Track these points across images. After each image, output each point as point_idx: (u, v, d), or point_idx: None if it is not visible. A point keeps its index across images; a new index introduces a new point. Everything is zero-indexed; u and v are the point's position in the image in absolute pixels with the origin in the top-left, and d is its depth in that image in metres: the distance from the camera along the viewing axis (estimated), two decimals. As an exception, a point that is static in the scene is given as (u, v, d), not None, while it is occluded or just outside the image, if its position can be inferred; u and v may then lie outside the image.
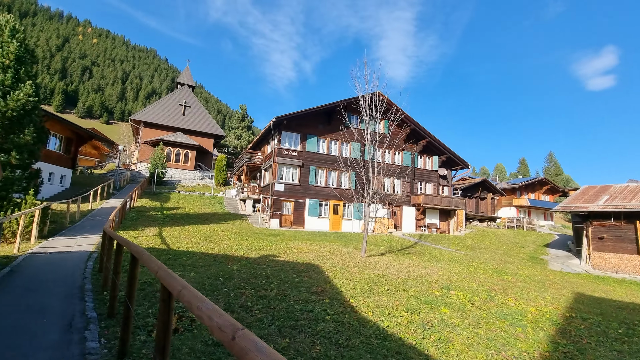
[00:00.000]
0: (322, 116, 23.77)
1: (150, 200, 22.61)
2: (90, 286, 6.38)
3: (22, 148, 11.49)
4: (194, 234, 14.37)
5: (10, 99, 11.08)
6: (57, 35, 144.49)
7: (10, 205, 10.87)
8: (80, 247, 10.58)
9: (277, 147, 22.19)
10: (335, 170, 24.00)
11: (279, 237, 16.22)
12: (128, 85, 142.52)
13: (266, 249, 12.42)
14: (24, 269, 7.55)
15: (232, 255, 10.75)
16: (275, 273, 8.36)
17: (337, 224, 23.47)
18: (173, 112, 34.61)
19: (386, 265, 11.58)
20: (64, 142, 22.51)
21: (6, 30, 11.80)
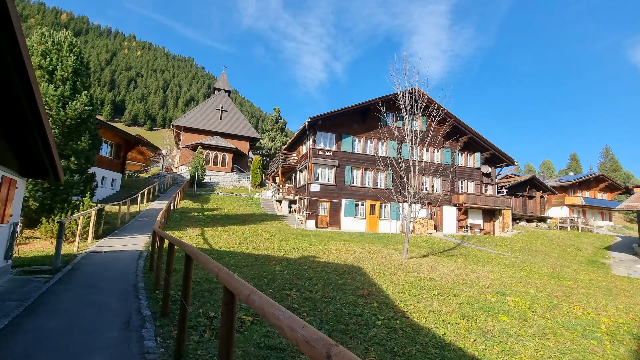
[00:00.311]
0: (356, 115, 23.41)
1: (192, 202, 23.52)
2: (143, 284, 6.59)
3: (80, 154, 12.33)
4: (234, 235, 14.65)
5: (69, 108, 11.93)
6: (106, 50, 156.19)
7: (70, 207, 11.69)
8: (131, 247, 11.13)
9: (312, 147, 22.16)
10: (371, 169, 23.52)
11: (317, 237, 16.11)
12: (169, 94, 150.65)
13: (305, 250, 12.34)
14: (83, 266, 8.01)
15: (272, 256, 10.76)
16: (317, 274, 8.20)
17: (374, 225, 22.96)
18: (211, 117, 35.91)
19: (431, 267, 11.02)
20: (114, 148, 24.08)
21: (65, 46, 12.75)
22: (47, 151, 6.56)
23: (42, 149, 6.41)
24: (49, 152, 6.58)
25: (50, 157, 6.74)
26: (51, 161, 6.91)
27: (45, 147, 6.41)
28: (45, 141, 6.22)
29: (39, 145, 6.25)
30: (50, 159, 6.80)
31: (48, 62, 12.11)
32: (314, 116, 21.14)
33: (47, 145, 6.37)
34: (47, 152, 6.58)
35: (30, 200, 11.15)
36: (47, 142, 6.28)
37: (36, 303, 4.95)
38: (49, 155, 6.70)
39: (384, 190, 23.50)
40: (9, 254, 6.60)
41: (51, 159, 6.84)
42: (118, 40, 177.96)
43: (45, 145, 6.36)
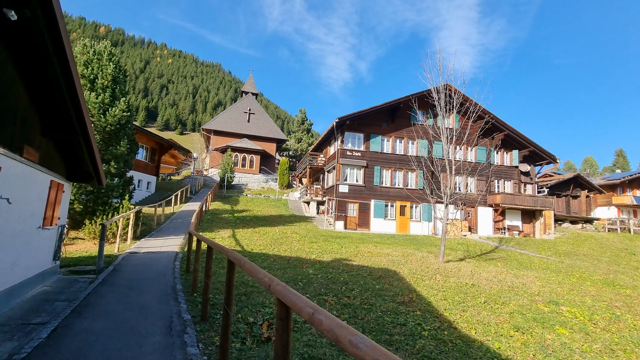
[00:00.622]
0: (385, 114, 22.88)
1: (222, 203, 23.98)
2: (181, 287, 6.63)
3: (119, 158, 12.83)
4: (264, 236, 14.68)
5: (109, 115, 12.45)
6: (140, 59, 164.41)
7: (110, 209, 12.18)
8: (167, 248, 11.40)
9: (340, 147, 21.90)
10: (400, 169, 22.89)
11: (347, 239, 15.82)
12: (198, 99, 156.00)
13: (337, 252, 12.10)
14: (123, 267, 8.24)
15: (304, 258, 10.61)
16: (353, 279, 7.93)
17: (405, 226, 22.31)
18: (239, 120, 36.60)
19: (470, 272, 10.42)
20: (149, 152, 25.07)
21: (105, 55, 13.34)
22: (91, 156, 6.78)
23: (86, 154, 6.63)
24: (92, 157, 6.80)
25: (94, 161, 6.97)
26: (94, 166, 7.15)
27: (89, 153, 6.63)
28: (89, 147, 6.43)
29: (83, 151, 6.46)
30: (93, 163, 7.03)
31: (90, 72, 12.71)
32: (341, 116, 20.90)
33: (90, 151, 6.58)
34: (91, 157, 6.80)
35: (75, 203, 11.72)
36: (91, 148, 6.49)
37: (83, 304, 5.06)
38: (92, 160, 6.93)
39: (414, 190, 22.80)
40: (57, 255, 6.88)
41: (94, 164, 7.07)
42: (151, 49, 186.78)
43: (89, 151, 6.57)
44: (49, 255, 6.56)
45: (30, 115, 5.02)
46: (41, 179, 5.65)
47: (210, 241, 5.03)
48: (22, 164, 4.83)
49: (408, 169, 22.95)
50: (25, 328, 4.20)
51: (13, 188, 4.58)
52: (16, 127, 4.59)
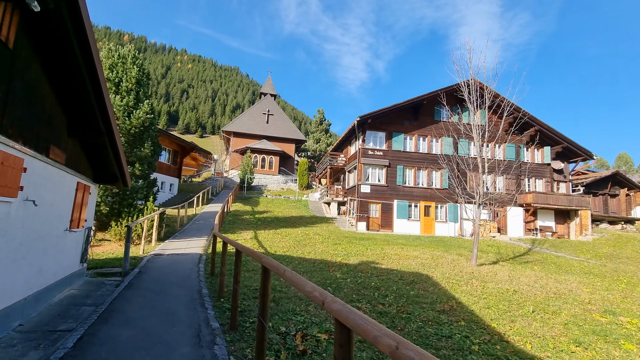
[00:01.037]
0: (408, 112, 22.20)
1: (243, 205, 23.97)
2: (207, 291, 6.40)
3: (143, 160, 12.89)
4: (286, 238, 14.42)
5: (133, 117, 12.53)
6: (161, 65, 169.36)
7: (135, 211, 12.23)
8: (191, 250, 11.30)
9: (362, 147, 21.40)
10: (424, 168, 22.14)
11: (371, 241, 15.32)
12: (217, 102, 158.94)
13: (362, 255, 11.65)
14: (149, 270, 8.13)
15: (330, 261, 10.23)
16: (384, 284, 7.48)
17: (429, 227, 21.54)
18: (258, 121, 36.72)
19: (508, 277, 9.73)
20: (171, 154, 25.43)
21: (129, 59, 13.46)
22: (117, 157, 6.67)
23: (112, 155, 6.53)
24: (118, 158, 6.70)
25: (119, 163, 6.86)
26: (120, 167, 7.05)
27: (114, 154, 6.52)
28: (114, 148, 6.31)
29: (109, 152, 6.35)
30: (119, 165, 6.93)
31: (115, 75, 12.84)
32: (363, 115, 20.41)
33: (116, 152, 6.47)
34: (117, 158, 6.69)
35: (101, 205, 11.83)
36: (117, 149, 6.37)
37: (109, 310, 4.88)
38: (118, 162, 6.82)
39: (440, 190, 21.97)
40: (84, 257, 6.80)
41: (120, 165, 6.97)
42: (172, 55, 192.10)
43: (114, 152, 6.46)
44: (76, 258, 6.48)
45: (56, 115, 4.90)
46: (68, 181, 5.55)
47: (239, 245, 4.74)
48: (48, 165, 4.70)
49: (432, 168, 22.16)
50: (52, 335, 4.02)
51: (39, 190, 4.44)
52: (42, 127, 4.46)
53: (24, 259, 4.23)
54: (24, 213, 4.08)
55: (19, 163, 3.78)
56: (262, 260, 3.22)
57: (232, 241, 5.28)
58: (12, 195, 3.69)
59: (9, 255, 3.82)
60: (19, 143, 3.81)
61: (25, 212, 4.12)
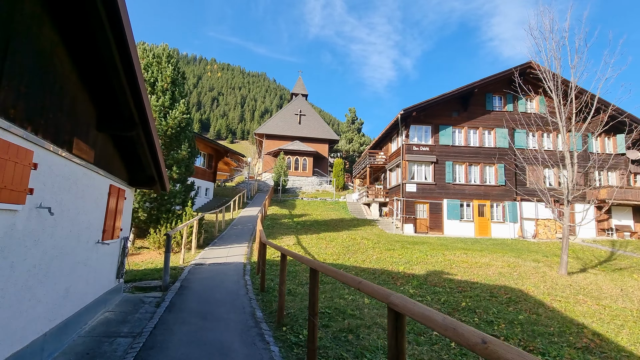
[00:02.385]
0: (456, 102, 20.23)
1: (279, 208, 23.07)
2: (261, 313, 5.24)
3: (181, 163, 12.18)
4: (332, 243, 13.15)
5: (169, 117, 11.85)
6: (193, 75, 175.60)
7: (173, 216, 11.50)
8: (233, 258, 10.34)
9: (406, 143, 19.72)
10: (476, 163, 20.03)
11: (426, 245, 13.67)
12: (246, 108, 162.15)
13: (425, 262, 10.10)
14: (191, 283, 7.16)
15: (393, 272, 8.81)
16: (476, 303, 5.95)
17: (485, 228, 19.40)
18: (290, 122, 35.96)
19: (620, 291, 7.79)
20: (206, 158, 25.12)
21: (164, 57, 12.87)
22: (154, 156, 5.70)
23: (148, 153, 5.56)
24: (155, 157, 5.73)
25: (157, 163, 5.91)
26: (157, 168, 6.10)
27: (151, 151, 5.55)
28: (150, 144, 5.33)
29: (145, 149, 5.37)
30: (156, 165, 5.98)
31: (150, 75, 12.27)
32: (406, 108, 18.76)
33: (153, 149, 5.49)
34: (154, 157, 5.73)
35: (139, 212, 11.20)
36: (153, 145, 5.39)
37: (148, 345, 3.81)
38: (155, 161, 5.87)
39: (495, 187, 19.79)
40: (121, 272, 5.90)
41: (157, 166, 6.02)
42: (202, 65, 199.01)
43: (151, 149, 5.48)
44: (111, 274, 5.57)
45: (81, 101, 3.94)
46: (98, 184, 4.60)
47: (313, 261, 3.49)
48: (71, 163, 3.72)
49: (486, 163, 20.01)
50: (75, 389, 2.98)
51: (59, 194, 3.46)
52: (61, 114, 3.47)
53: (42, 284, 3.24)
54: (37, 225, 3.08)
55: (26, 157, 2.77)
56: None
57: (300, 256, 4.04)
58: (17, 201, 2.68)
59: (16, 284, 2.81)
60: (26, 130, 2.80)
61: (40, 224, 3.13)
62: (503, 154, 20.06)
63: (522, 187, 19.84)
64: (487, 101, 20.43)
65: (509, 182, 19.82)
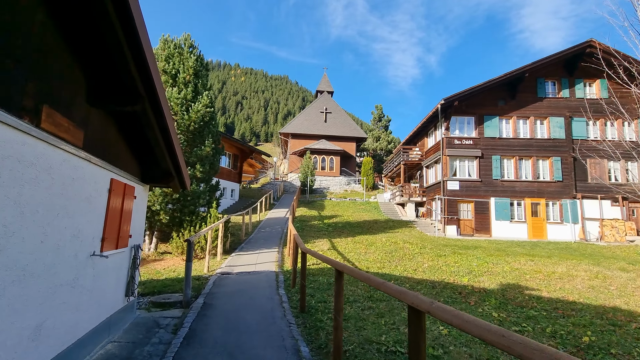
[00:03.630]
0: (502, 90, 18.15)
1: (308, 209, 21.83)
2: (307, 349, 3.90)
3: (204, 160, 11.17)
4: (371, 248, 11.67)
5: (192, 111, 10.88)
6: (217, 81, 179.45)
7: (197, 219, 10.48)
8: (263, 266, 9.13)
9: (446, 136, 17.87)
10: (528, 157, 17.83)
11: (480, 250, 11.88)
12: (269, 111, 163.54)
13: (491, 272, 8.42)
14: (216, 300, 5.96)
15: (455, 285, 7.23)
16: (601, 338, 4.31)
17: (539, 230, 17.17)
18: (315, 121, 34.75)
19: None
20: (231, 158, 24.36)
21: (185, 48, 11.97)
22: (168, 143, 4.53)
23: (160, 138, 4.38)
24: (169, 144, 4.55)
25: (172, 152, 4.74)
26: (173, 159, 4.94)
27: (164, 136, 4.37)
28: (163, 125, 4.14)
29: (155, 133, 4.18)
30: (172, 155, 4.82)
31: (171, 67, 11.38)
32: (447, 97, 16.95)
33: (165, 133, 4.31)
34: (168, 144, 4.55)
35: (161, 214, 10.26)
36: (166, 129, 4.20)
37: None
38: (170, 150, 4.70)
39: (550, 183, 17.52)
40: (131, 288, 4.77)
41: (173, 156, 4.85)
42: (226, 70, 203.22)
43: (163, 133, 4.31)
44: (118, 292, 4.44)
45: (59, 56, 2.78)
46: (90, 176, 3.45)
47: (408, 293, 2.07)
48: (37, 142, 2.54)
49: (539, 156, 17.78)
50: None
51: (12, 185, 2.27)
52: (19, 65, 2.30)
53: (-17, 328, 2.06)
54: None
55: None
56: None
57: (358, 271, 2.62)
58: None
59: None
60: None
61: (-29, 233, 1.94)
62: (559, 145, 17.76)
63: (582, 183, 17.49)
64: (539, 87, 18.19)
65: (566, 178, 17.51)
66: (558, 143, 17.77)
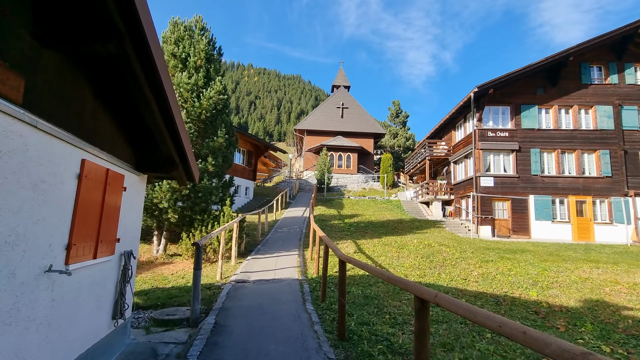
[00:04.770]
0: (541, 76, 16.43)
1: (326, 208, 20.59)
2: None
3: (217, 153, 10.07)
4: (404, 251, 10.32)
5: (203, 98, 9.79)
6: (231, 81, 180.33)
7: (209, 218, 9.37)
8: (283, 272, 7.94)
9: (479, 127, 16.29)
10: (571, 150, 16.08)
11: (529, 255, 10.37)
12: (282, 110, 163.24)
13: (560, 284, 6.97)
14: (231, 318, 4.79)
15: (524, 300, 5.84)
16: None
17: (586, 231, 15.40)
18: (331, 116, 33.45)
19: None
20: (245, 155, 23.36)
21: (197, 30, 10.92)
22: (167, 118, 3.36)
23: (157, 110, 3.20)
24: (169, 119, 3.38)
25: (174, 130, 3.56)
26: (176, 141, 3.78)
27: (161, 109, 3.19)
28: (159, 93, 2.96)
29: (148, 98, 3.00)
30: (173, 135, 3.65)
31: (181, 50, 10.32)
32: (481, 84, 15.38)
33: (164, 105, 3.13)
34: (167, 119, 3.38)
35: (169, 212, 9.20)
36: (163, 95, 3.01)
37: None
38: (170, 128, 3.53)
39: (597, 179, 15.73)
40: (120, 309, 3.62)
41: (175, 136, 3.68)
42: (240, 71, 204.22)
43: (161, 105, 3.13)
44: (100, 317, 3.29)
45: None
46: (44, 152, 2.29)
47: None
48: None
49: (584, 149, 16.00)
50: None
51: None
52: None
53: None
54: None
55: None
56: None
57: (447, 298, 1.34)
58: None
59: None
60: None
61: None
62: (607, 137, 15.94)
63: (635, 178, 15.63)
64: (583, 72, 16.38)
65: (616, 173, 15.68)
66: (606, 134, 15.95)
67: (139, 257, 10.70)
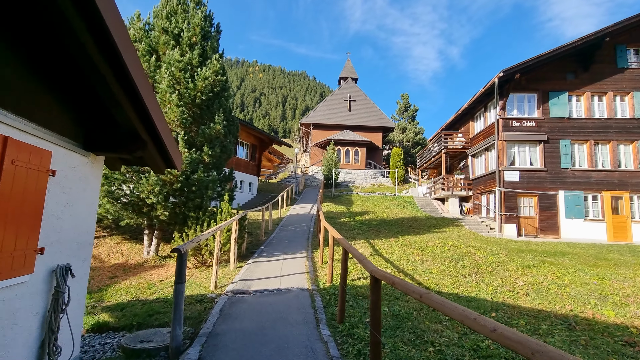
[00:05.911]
0: (571, 60, 14.94)
1: (334, 205, 19.33)
2: None
3: (214, 141, 8.84)
4: (427, 254, 9.03)
5: (198, 78, 8.55)
6: (236, 78, 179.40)
7: (205, 216, 8.16)
8: (290, 280, 6.71)
9: (502, 117, 14.86)
10: (605, 141, 14.59)
11: (573, 258, 9.02)
12: (287, 107, 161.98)
13: (634, 298, 5.64)
14: (222, 352, 3.57)
15: (599, 322, 4.53)
16: None
17: (622, 231, 13.95)
18: (338, 110, 32.10)
19: None
20: (249, 149, 22.18)
21: (192, 3, 9.67)
22: (119, 71, 2.12)
23: (95, 50, 1.97)
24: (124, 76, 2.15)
25: (133, 91, 2.33)
26: (139, 108, 2.55)
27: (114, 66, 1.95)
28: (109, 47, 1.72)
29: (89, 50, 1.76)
30: (133, 99, 2.41)
31: (173, 25, 9.09)
32: (507, 68, 13.94)
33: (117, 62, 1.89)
34: (120, 73, 2.15)
35: (159, 209, 8.01)
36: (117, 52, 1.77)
37: None
38: (129, 89, 2.30)
39: (636, 172, 14.25)
40: (52, 351, 2.40)
41: (136, 101, 2.45)
42: (245, 68, 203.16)
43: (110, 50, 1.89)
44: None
45: None
46: None
47: None
48: None
49: (620, 140, 14.51)
50: None
51: None
52: None
53: None
54: None
55: None
56: None
57: None
58: None
59: None
60: None
61: None
62: None
63: (678, 172, 14.10)
64: (619, 56, 14.85)
65: (656, 166, 14.17)
66: None
67: (129, 260, 9.56)
